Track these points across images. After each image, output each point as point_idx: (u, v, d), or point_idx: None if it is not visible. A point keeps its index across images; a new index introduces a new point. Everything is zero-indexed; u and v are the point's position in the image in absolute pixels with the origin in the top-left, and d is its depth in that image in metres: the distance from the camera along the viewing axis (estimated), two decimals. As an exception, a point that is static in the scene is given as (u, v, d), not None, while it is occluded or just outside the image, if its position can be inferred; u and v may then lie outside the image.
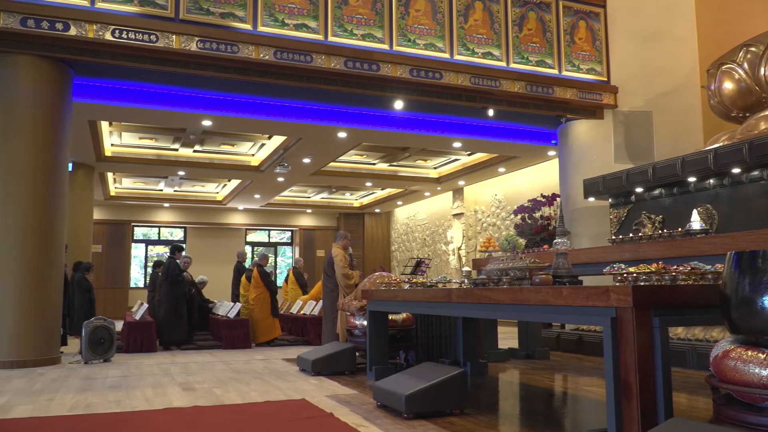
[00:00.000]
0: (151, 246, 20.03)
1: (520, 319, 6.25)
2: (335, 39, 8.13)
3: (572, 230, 9.45)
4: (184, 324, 9.42)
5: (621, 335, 2.89)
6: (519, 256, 4.58)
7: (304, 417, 4.13)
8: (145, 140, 12.18)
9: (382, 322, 5.97)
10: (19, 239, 6.93)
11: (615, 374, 2.90)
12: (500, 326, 8.07)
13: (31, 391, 5.24)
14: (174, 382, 5.80)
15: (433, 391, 4.12)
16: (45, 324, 7.07)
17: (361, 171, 14.97)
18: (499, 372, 6.47)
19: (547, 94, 9.26)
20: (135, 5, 7.30)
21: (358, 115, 9.76)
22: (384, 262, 20.16)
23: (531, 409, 4.80)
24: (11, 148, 7.04)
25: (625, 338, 2.86)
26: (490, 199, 15.30)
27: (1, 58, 7.09)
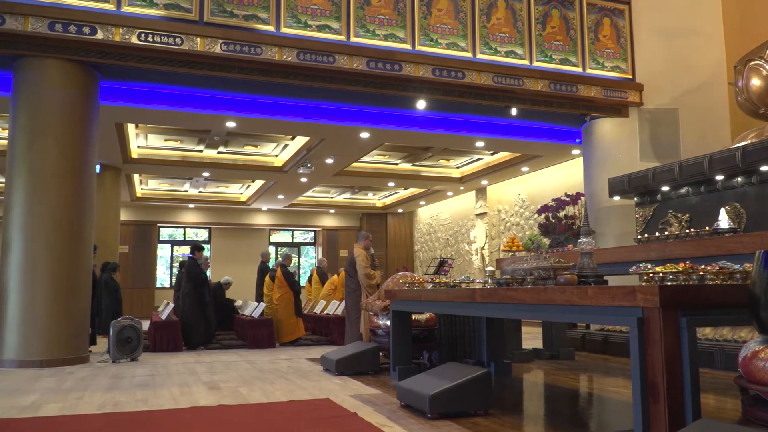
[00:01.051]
0: (177, 246, 20.26)
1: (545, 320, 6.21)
2: (357, 39, 8.15)
3: (597, 229, 9.36)
4: (208, 323, 9.51)
5: (648, 336, 2.86)
6: (543, 255, 4.55)
7: (329, 416, 4.15)
8: (170, 142, 12.33)
9: (405, 322, 5.97)
10: (49, 240, 7.06)
11: (642, 375, 2.86)
12: (524, 326, 8.02)
13: (61, 390, 5.34)
14: (200, 381, 5.86)
15: (458, 392, 4.11)
16: (74, 324, 7.19)
17: (383, 171, 14.98)
18: (523, 372, 6.44)
19: (571, 93, 9.18)
20: (160, 9, 7.39)
21: (380, 116, 9.77)
22: (407, 262, 20.15)
23: (556, 409, 4.77)
24: (40, 151, 7.18)
25: (652, 339, 2.83)
26: (513, 198, 15.21)
27: (30, 62, 7.24)
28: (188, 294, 9.53)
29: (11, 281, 7.00)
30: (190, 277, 9.62)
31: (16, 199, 7.12)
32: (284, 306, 9.90)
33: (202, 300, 9.52)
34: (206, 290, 9.72)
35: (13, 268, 7.01)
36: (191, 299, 9.46)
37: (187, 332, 9.23)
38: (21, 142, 7.20)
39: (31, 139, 7.19)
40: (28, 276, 6.98)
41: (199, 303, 9.46)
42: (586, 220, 4.19)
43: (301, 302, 10.31)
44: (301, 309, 10.32)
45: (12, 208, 7.13)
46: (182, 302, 9.58)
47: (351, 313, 8.17)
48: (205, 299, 9.56)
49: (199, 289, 9.57)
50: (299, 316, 10.05)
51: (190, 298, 9.48)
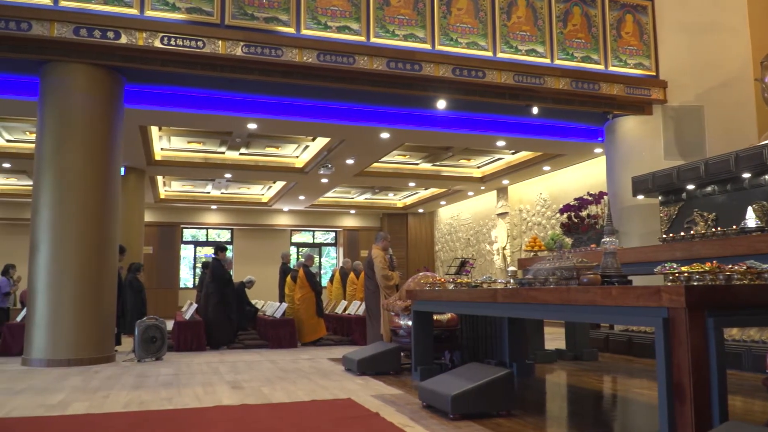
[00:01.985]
0: (200, 247, 20.45)
1: (568, 320, 6.16)
2: (377, 40, 8.16)
3: (621, 229, 9.26)
4: (231, 323, 9.60)
5: (674, 336, 2.82)
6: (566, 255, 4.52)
7: (351, 416, 4.16)
8: (192, 144, 12.45)
9: (426, 322, 5.97)
10: (76, 242, 7.18)
11: (668, 376, 2.83)
12: (547, 327, 7.97)
13: (88, 389, 5.42)
14: (223, 380, 5.91)
15: (480, 392, 4.09)
16: (100, 323, 7.30)
17: (404, 171, 14.98)
18: (546, 373, 6.39)
19: (593, 91, 9.10)
20: (182, 12, 7.47)
21: (400, 116, 9.77)
22: (428, 263, 20.12)
23: (579, 411, 4.73)
24: (67, 154, 7.30)
25: (678, 340, 2.80)
26: (534, 198, 15.11)
27: (56, 67, 7.37)
28: (212, 294, 9.62)
29: (39, 282, 7.13)
30: (214, 278, 9.71)
31: (44, 201, 7.25)
32: (306, 306, 9.94)
33: (226, 300, 9.60)
34: (230, 290, 9.80)
35: (40, 269, 7.14)
36: (215, 299, 9.55)
37: (210, 332, 9.31)
38: (48, 145, 7.34)
39: (58, 143, 7.32)
40: (55, 277, 7.10)
41: (222, 303, 9.54)
42: (609, 219, 4.14)
43: (322, 302, 10.34)
44: (323, 309, 10.36)
45: (39, 210, 7.26)
46: (205, 302, 9.67)
47: (371, 314, 8.18)
48: (228, 299, 9.64)
49: (224, 289, 9.65)
50: (320, 317, 10.09)
51: (214, 298, 9.56)
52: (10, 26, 6.84)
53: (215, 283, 9.67)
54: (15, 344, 8.16)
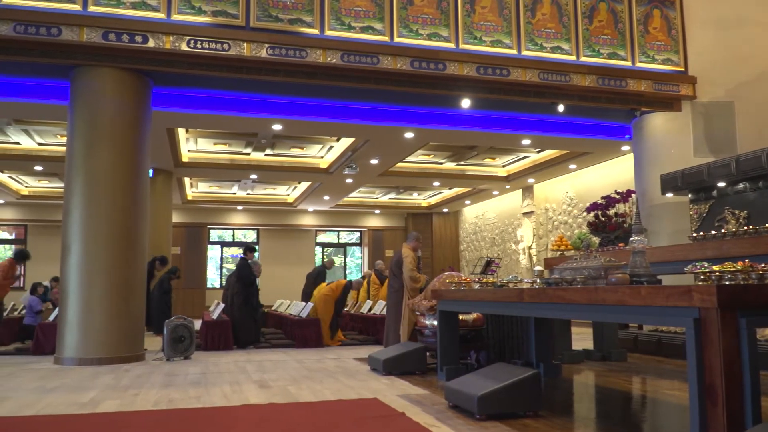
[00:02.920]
0: (226, 248, 20.65)
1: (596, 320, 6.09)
2: (401, 40, 8.15)
3: (649, 227, 9.12)
4: (256, 324, 9.68)
5: (705, 337, 2.78)
6: (593, 254, 4.47)
7: (377, 416, 4.17)
8: (219, 145, 12.58)
9: (452, 322, 5.95)
10: (106, 242, 7.30)
11: (699, 377, 2.79)
12: (574, 327, 7.89)
13: (118, 387, 5.51)
14: (250, 379, 5.96)
15: (506, 393, 4.07)
16: (130, 322, 7.42)
17: (428, 171, 14.95)
18: (573, 374, 6.33)
19: (620, 87, 8.98)
20: (208, 16, 7.55)
21: (424, 115, 9.76)
22: (453, 262, 20.05)
23: (607, 412, 4.68)
24: (97, 156, 7.43)
25: (710, 340, 2.75)
26: (561, 196, 14.97)
27: (86, 71, 7.50)
28: (238, 293, 9.71)
29: (71, 282, 7.27)
30: (239, 277, 9.79)
31: (75, 202, 7.39)
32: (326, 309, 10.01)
33: (250, 300, 9.68)
34: (254, 291, 9.88)
35: (72, 270, 7.28)
36: (240, 299, 9.63)
37: (237, 331, 9.39)
38: (79, 148, 7.48)
39: (88, 145, 7.46)
40: (86, 277, 7.23)
41: (247, 303, 9.62)
42: (637, 217, 4.09)
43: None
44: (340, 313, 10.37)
45: (71, 211, 7.40)
46: (232, 301, 9.76)
47: (392, 314, 8.12)
48: (251, 300, 9.72)
49: (248, 289, 9.74)
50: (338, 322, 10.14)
51: (239, 297, 9.65)
52: (40, 32, 6.98)
53: (240, 283, 9.75)
54: (47, 343, 8.33)
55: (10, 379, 6.07)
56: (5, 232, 18.96)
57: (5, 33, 6.88)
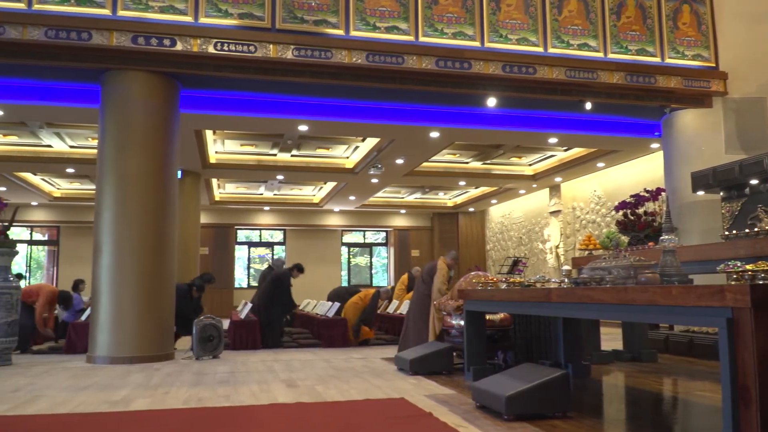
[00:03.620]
0: (253, 248, 20.83)
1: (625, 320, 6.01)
2: (426, 39, 8.14)
3: (680, 226, 8.98)
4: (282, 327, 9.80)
5: (738, 337, 2.73)
6: (622, 254, 4.41)
7: (404, 416, 4.17)
8: (246, 147, 12.69)
9: (479, 322, 5.93)
10: (136, 243, 7.42)
11: (732, 379, 2.74)
12: (603, 327, 7.80)
13: (149, 385, 5.59)
14: (278, 378, 6.01)
15: (535, 393, 4.04)
16: (160, 322, 7.53)
17: (454, 170, 14.90)
18: (602, 374, 6.26)
19: (649, 84, 8.85)
20: (234, 18, 7.63)
21: (450, 114, 9.73)
22: (479, 262, 19.96)
23: (638, 413, 4.61)
24: (127, 158, 7.56)
25: (743, 340, 2.70)
26: (588, 195, 14.80)
27: (115, 75, 7.64)
28: (266, 291, 9.78)
29: (102, 282, 7.40)
30: (276, 285, 9.81)
31: (106, 204, 7.53)
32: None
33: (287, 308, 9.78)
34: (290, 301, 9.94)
35: (103, 270, 7.42)
36: (271, 302, 9.69)
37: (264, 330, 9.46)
38: (109, 150, 7.62)
39: (118, 148, 7.59)
40: (117, 277, 7.36)
41: (282, 310, 9.71)
42: (668, 216, 4.03)
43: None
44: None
45: (102, 212, 7.54)
46: (260, 301, 9.83)
47: (417, 319, 8.08)
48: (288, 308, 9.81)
49: (285, 298, 9.81)
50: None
51: (270, 300, 9.70)
52: (71, 36, 7.12)
53: (277, 291, 9.77)
54: (80, 342, 8.50)
55: (45, 377, 6.21)
56: (38, 234, 19.38)
57: (37, 38, 7.03)
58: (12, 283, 7.31)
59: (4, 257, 7.29)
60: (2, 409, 4.51)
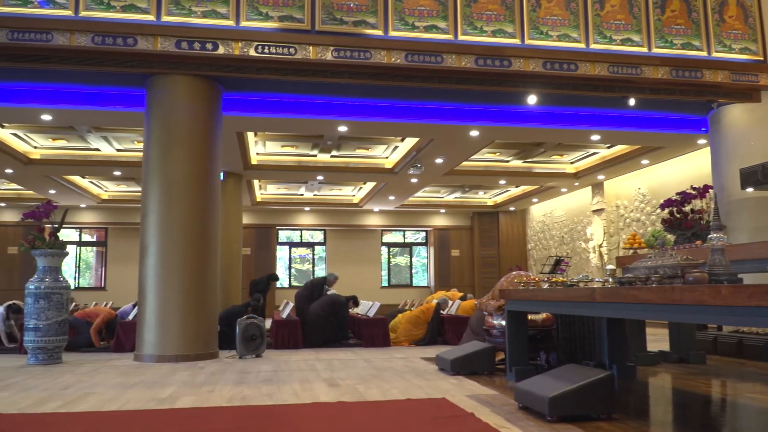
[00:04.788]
0: (294, 248, 21.03)
1: (672, 321, 5.87)
2: (465, 37, 8.10)
3: (728, 224, 8.73)
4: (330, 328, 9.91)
5: (791, 338, 2.64)
6: (669, 252, 4.31)
7: (446, 416, 4.16)
8: (286, 148, 12.83)
9: (521, 322, 5.87)
10: (181, 244, 7.58)
11: (785, 381, 2.65)
12: (649, 327, 7.63)
13: (194, 383, 5.71)
14: (319, 377, 6.06)
15: (579, 394, 3.98)
16: (204, 321, 7.67)
17: (494, 169, 14.78)
18: (648, 376, 6.13)
19: (695, 79, 8.63)
20: (275, 21, 7.72)
21: (490, 113, 9.65)
22: (520, 261, 19.76)
23: (685, 416, 4.51)
24: (171, 161, 7.73)
25: (797, 342, 2.61)
26: (633, 193, 14.50)
27: (160, 80, 7.82)
28: (322, 308, 9.85)
29: (149, 282, 7.59)
30: (332, 310, 9.87)
31: (152, 205, 7.71)
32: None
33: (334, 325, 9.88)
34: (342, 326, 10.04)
35: (150, 270, 7.60)
36: (323, 315, 9.79)
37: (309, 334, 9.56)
38: (155, 153, 7.80)
39: (163, 151, 7.76)
40: (162, 277, 7.53)
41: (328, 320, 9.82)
42: (716, 214, 3.92)
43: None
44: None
45: (148, 214, 7.73)
46: (312, 310, 9.87)
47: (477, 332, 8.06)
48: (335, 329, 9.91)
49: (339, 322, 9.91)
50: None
51: (323, 313, 9.80)
52: (117, 42, 7.31)
53: (333, 316, 9.84)
54: (127, 341, 8.72)
55: (94, 375, 6.39)
56: (87, 235, 19.96)
57: (84, 44, 7.25)
58: (62, 283, 7.54)
59: (54, 258, 7.53)
60: (53, 406, 4.66)
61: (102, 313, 9.42)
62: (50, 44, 7.21)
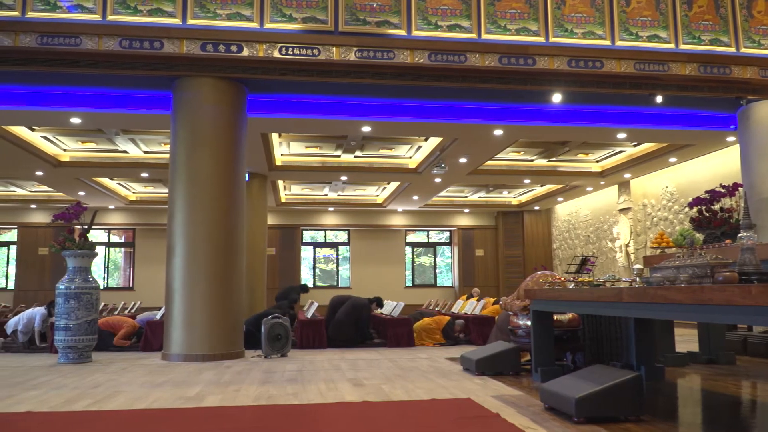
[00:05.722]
0: (318, 248, 21.12)
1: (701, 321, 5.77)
2: (489, 36, 8.06)
3: (759, 223, 8.56)
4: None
5: (825, 339, 2.58)
6: (697, 252, 4.24)
7: (471, 416, 4.14)
8: (310, 149, 12.89)
9: (546, 322, 5.82)
10: (207, 244, 7.67)
11: (819, 383, 2.59)
12: (677, 328, 7.53)
13: (221, 382, 5.77)
14: (344, 377, 6.08)
15: (606, 395, 3.94)
16: (230, 321, 7.75)
17: (518, 168, 14.67)
18: (677, 377, 6.04)
19: (723, 75, 8.48)
20: (298, 22, 7.77)
21: (514, 112, 9.60)
22: (545, 261, 19.59)
23: (715, 418, 4.43)
24: (197, 162, 7.82)
25: (831, 343, 2.55)
26: (660, 191, 14.30)
27: (186, 82, 7.92)
28: (345, 314, 9.90)
29: (176, 282, 7.68)
30: (354, 312, 9.91)
31: (178, 207, 7.81)
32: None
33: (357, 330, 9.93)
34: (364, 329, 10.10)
35: (176, 270, 7.69)
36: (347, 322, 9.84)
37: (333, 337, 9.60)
38: (181, 155, 7.90)
39: (189, 152, 7.86)
40: (189, 278, 7.62)
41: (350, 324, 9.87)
42: (746, 212, 3.85)
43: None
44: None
45: (174, 215, 7.83)
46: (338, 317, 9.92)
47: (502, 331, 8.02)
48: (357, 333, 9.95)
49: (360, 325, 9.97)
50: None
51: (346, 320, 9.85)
52: (144, 45, 7.43)
53: (355, 319, 9.88)
54: (155, 340, 8.84)
55: (123, 374, 6.49)
56: (116, 236, 20.27)
57: (113, 48, 7.37)
58: (92, 283, 7.67)
59: (84, 259, 7.66)
60: (84, 404, 4.75)
61: (126, 326, 9.47)
62: (79, 48, 7.35)
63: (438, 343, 9.80)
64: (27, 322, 9.46)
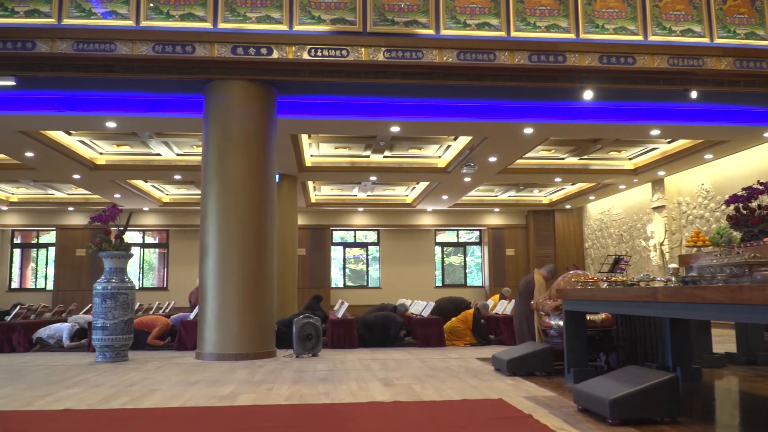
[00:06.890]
0: (348, 249, 21.19)
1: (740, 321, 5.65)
2: (518, 34, 8.00)
3: (799, 220, 8.32)
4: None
5: None
6: (735, 250, 4.15)
7: (503, 417, 4.12)
8: (339, 149, 12.95)
9: (579, 322, 5.76)
10: (239, 244, 7.76)
11: None
12: (714, 328, 7.37)
13: (253, 382, 5.83)
14: (375, 377, 6.09)
15: (641, 397, 3.88)
16: (262, 321, 7.83)
17: (549, 166, 14.52)
18: (714, 378, 5.92)
19: (760, 69, 8.27)
20: (327, 24, 7.81)
21: (544, 110, 9.50)
22: (577, 260, 19.36)
23: (754, 420, 4.33)
24: (229, 163, 7.92)
25: None
26: (695, 189, 14.02)
27: (217, 85, 8.03)
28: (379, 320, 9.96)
29: (209, 282, 7.79)
30: (386, 322, 9.98)
31: (210, 208, 7.91)
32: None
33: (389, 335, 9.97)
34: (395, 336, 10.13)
35: (209, 271, 7.80)
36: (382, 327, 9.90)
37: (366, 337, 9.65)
38: (213, 157, 8.00)
39: (221, 154, 7.96)
40: (221, 278, 7.72)
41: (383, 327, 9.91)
42: (786, 210, 3.75)
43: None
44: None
45: (207, 216, 7.94)
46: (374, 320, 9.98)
47: (524, 335, 7.95)
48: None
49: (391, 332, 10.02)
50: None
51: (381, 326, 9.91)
52: (176, 50, 7.55)
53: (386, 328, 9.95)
54: (189, 340, 8.97)
55: (159, 372, 6.60)
56: (150, 237, 20.63)
57: (146, 53, 7.50)
58: (128, 284, 7.82)
59: (120, 259, 7.82)
60: (121, 402, 4.85)
61: (159, 324, 9.61)
62: (113, 54, 7.50)
63: (469, 344, 9.75)
64: (53, 333, 9.57)
